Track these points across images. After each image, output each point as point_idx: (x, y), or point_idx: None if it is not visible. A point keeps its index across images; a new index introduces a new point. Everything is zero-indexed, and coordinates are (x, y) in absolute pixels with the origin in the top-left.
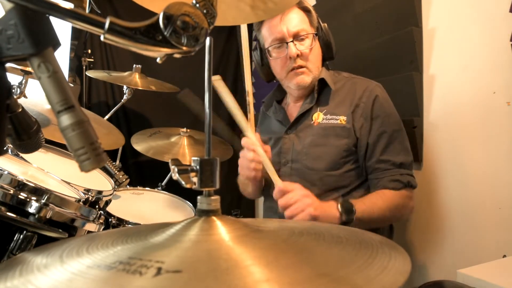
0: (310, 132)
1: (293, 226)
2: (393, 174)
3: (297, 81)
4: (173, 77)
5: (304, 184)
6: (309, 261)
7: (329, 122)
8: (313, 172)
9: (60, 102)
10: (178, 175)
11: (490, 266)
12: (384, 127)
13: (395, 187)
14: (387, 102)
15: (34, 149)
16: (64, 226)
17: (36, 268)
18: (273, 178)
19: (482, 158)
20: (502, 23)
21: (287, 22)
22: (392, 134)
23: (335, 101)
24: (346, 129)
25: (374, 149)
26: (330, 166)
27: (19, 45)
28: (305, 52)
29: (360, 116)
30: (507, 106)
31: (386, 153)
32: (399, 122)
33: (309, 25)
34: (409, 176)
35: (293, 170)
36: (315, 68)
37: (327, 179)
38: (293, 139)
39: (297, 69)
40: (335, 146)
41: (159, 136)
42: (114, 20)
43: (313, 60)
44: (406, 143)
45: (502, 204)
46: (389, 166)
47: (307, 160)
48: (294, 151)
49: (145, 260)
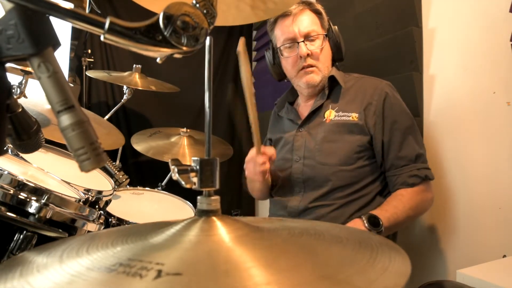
0: (323, 129)
1: (293, 226)
2: (411, 169)
3: (307, 79)
4: (173, 77)
5: (317, 179)
6: (309, 263)
7: (341, 119)
8: (325, 167)
9: (60, 102)
10: (178, 175)
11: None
12: (396, 124)
13: (415, 182)
14: (397, 99)
15: (34, 149)
16: (64, 226)
17: (36, 269)
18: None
19: (482, 158)
20: (502, 23)
21: (298, 23)
22: (406, 130)
23: (346, 99)
24: (358, 125)
25: (389, 146)
26: (343, 161)
27: (19, 45)
28: (315, 52)
29: (372, 114)
30: (507, 106)
31: (402, 149)
32: (411, 118)
33: (320, 26)
34: (426, 170)
35: (305, 166)
36: (325, 68)
37: (340, 174)
38: (305, 136)
39: (307, 68)
40: (349, 142)
41: (159, 136)
42: (114, 20)
43: (323, 60)
44: (419, 137)
45: (502, 204)
46: (406, 162)
47: (320, 156)
48: (306, 148)
49: (145, 262)
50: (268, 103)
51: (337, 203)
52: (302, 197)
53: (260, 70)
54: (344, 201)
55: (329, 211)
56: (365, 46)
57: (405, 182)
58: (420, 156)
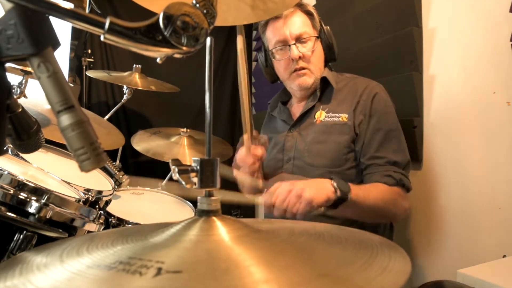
0: (313, 129)
1: (293, 226)
2: (386, 170)
3: (299, 82)
4: (173, 77)
5: None
6: (308, 262)
7: (331, 119)
8: (314, 169)
9: (60, 102)
10: (178, 175)
11: (490, 266)
12: (380, 124)
13: (387, 182)
14: (386, 101)
15: (34, 149)
16: (64, 226)
17: (36, 268)
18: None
19: (482, 158)
20: (502, 23)
21: (290, 25)
22: (388, 133)
23: (337, 100)
24: (347, 126)
25: (369, 145)
26: (331, 163)
27: (19, 45)
28: (307, 54)
29: (359, 113)
30: (507, 106)
31: (381, 150)
32: (396, 123)
33: (312, 28)
34: (402, 175)
35: (295, 167)
36: (317, 70)
37: (328, 175)
38: (296, 137)
39: (299, 71)
40: (336, 143)
41: (159, 136)
42: (114, 20)
43: (315, 62)
44: (403, 145)
45: (502, 204)
46: (383, 162)
47: (309, 157)
48: (296, 149)
49: (145, 260)
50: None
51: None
52: None
53: (259, 70)
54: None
55: (318, 215)
56: (365, 46)
57: (377, 181)
58: (398, 163)
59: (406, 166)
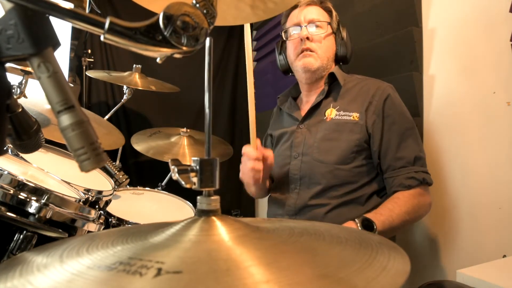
0: (323, 127)
1: (293, 226)
2: (409, 171)
3: (304, 63)
4: (173, 77)
5: (312, 177)
6: (309, 262)
7: (342, 118)
8: (322, 165)
9: (60, 102)
10: (178, 175)
11: (490, 266)
12: (396, 125)
13: (411, 184)
14: (398, 101)
15: (34, 149)
16: (64, 226)
17: (36, 268)
18: None
19: (482, 158)
20: (502, 23)
21: (305, 12)
22: (405, 132)
23: (348, 99)
24: (358, 125)
25: (388, 147)
26: (340, 160)
27: (19, 45)
28: (316, 36)
29: (372, 113)
30: (507, 106)
31: (400, 151)
32: (411, 121)
33: (327, 19)
34: (424, 173)
35: (303, 163)
36: (325, 57)
37: (337, 172)
38: (305, 133)
39: (306, 52)
40: (347, 141)
41: (159, 136)
42: (114, 20)
43: (323, 48)
44: (419, 141)
45: (502, 204)
46: (404, 163)
47: (317, 153)
48: (305, 145)
49: (145, 261)
50: (267, 103)
51: (332, 202)
52: (297, 195)
53: (260, 70)
54: (339, 201)
55: (325, 212)
56: (365, 46)
57: (402, 184)
58: (419, 158)
59: (424, 162)
